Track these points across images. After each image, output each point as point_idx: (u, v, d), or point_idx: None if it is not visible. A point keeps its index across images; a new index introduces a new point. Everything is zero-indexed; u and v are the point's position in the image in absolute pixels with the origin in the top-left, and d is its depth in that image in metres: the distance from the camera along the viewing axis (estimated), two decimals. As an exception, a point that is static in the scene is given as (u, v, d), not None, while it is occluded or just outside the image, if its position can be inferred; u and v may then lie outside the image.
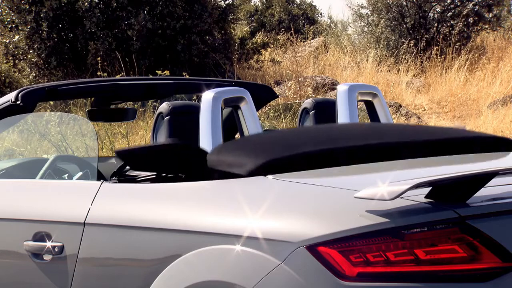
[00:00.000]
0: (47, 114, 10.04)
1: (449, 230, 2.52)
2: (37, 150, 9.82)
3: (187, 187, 3.08)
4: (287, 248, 2.59)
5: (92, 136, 9.06)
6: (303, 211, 2.70)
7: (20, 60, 15.47)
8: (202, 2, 15.64)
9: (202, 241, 2.81)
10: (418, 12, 18.08)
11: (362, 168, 3.20)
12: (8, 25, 15.51)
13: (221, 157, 3.14)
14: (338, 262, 2.52)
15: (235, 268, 2.70)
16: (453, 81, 15.30)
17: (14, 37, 15.35)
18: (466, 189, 2.57)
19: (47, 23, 14.93)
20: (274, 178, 2.95)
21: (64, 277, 3.22)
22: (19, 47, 15.41)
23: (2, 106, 3.90)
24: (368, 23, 19.12)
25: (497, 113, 12.42)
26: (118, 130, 10.62)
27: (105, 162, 4.74)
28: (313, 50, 18.74)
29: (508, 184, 2.75)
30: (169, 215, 2.97)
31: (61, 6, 14.87)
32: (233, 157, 3.12)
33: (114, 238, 3.10)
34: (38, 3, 14.98)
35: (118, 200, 3.20)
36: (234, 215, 2.81)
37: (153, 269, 2.93)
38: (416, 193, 2.58)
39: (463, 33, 17.58)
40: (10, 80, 14.16)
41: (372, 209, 2.56)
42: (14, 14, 15.25)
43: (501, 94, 14.00)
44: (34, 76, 15.28)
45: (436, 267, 2.50)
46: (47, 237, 3.29)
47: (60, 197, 3.44)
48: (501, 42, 17.62)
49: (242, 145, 3.35)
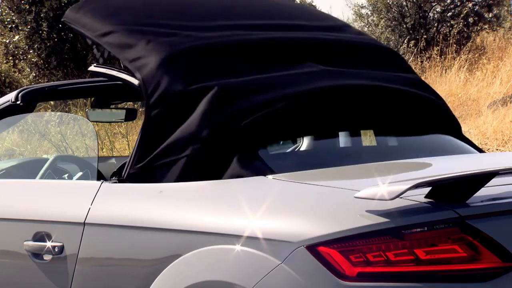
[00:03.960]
0: (47, 114, 10.04)
1: (449, 230, 2.52)
2: (37, 150, 9.82)
3: (187, 187, 3.08)
4: (287, 248, 2.59)
5: (92, 136, 9.06)
6: (303, 211, 2.70)
7: (20, 60, 15.47)
8: (202, 2, 15.62)
9: (202, 241, 2.80)
10: (418, 12, 18.08)
11: (362, 168, 3.20)
12: (8, 25, 15.52)
13: (78, 15, 3.46)
14: (338, 262, 2.52)
15: (235, 268, 2.70)
16: (453, 81, 15.30)
17: (14, 37, 15.36)
18: (466, 189, 2.57)
19: (47, 23, 14.94)
20: (274, 178, 2.95)
21: (64, 277, 3.22)
22: (19, 47, 15.42)
23: (2, 106, 3.90)
24: (368, 23, 19.12)
25: (497, 113, 12.41)
26: (118, 130, 10.62)
27: (105, 162, 4.74)
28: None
29: (508, 184, 2.74)
30: (169, 215, 2.97)
31: (61, 6, 14.88)
32: (88, 19, 3.45)
33: (114, 238, 3.10)
34: (38, 3, 14.99)
35: (118, 200, 3.20)
36: (234, 215, 2.81)
37: (153, 269, 2.92)
38: (416, 193, 2.58)
39: (463, 33, 17.58)
40: (10, 80, 14.17)
41: (372, 209, 2.56)
42: (14, 14, 15.25)
43: (501, 94, 13.99)
44: (34, 76, 15.29)
45: (436, 267, 2.50)
46: (47, 237, 3.29)
47: (60, 197, 3.43)
48: (501, 42, 17.62)
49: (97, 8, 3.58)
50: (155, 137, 3.21)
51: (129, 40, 3.41)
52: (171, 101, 3.21)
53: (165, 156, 3.17)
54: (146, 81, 3.26)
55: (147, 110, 3.22)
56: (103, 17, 3.57)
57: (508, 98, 13.21)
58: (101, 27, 3.50)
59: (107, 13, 3.64)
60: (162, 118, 3.22)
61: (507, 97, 13.30)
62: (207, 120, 3.14)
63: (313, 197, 2.78)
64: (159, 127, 3.21)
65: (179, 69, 3.28)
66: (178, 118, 3.19)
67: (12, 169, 4.39)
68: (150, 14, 3.66)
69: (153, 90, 3.23)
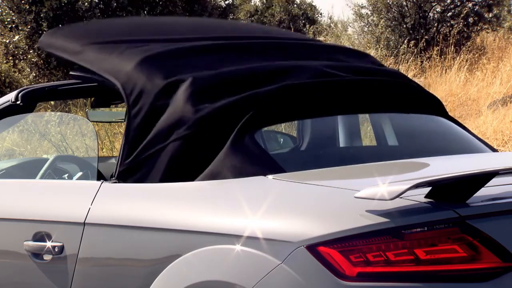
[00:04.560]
0: (47, 114, 10.04)
1: (449, 230, 2.52)
2: (37, 150, 9.82)
3: (187, 187, 3.08)
4: (287, 248, 2.59)
5: (92, 136, 9.06)
6: (303, 211, 2.70)
7: (20, 60, 15.47)
8: (202, 2, 15.65)
9: (202, 241, 2.81)
10: (418, 12, 18.07)
11: (362, 168, 3.20)
12: (8, 25, 15.52)
13: (52, 40, 3.60)
14: (338, 262, 2.52)
15: (235, 268, 2.70)
16: (453, 81, 15.30)
17: (14, 37, 15.36)
18: (466, 189, 2.57)
19: (47, 23, 14.94)
20: (274, 178, 2.95)
21: (64, 277, 3.22)
22: (19, 47, 15.42)
23: (2, 106, 3.90)
24: (368, 23, 19.11)
25: (497, 113, 12.41)
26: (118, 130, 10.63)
27: (105, 162, 4.74)
28: (313, 50, 18.70)
29: (508, 184, 2.75)
30: (169, 215, 2.97)
31: (61, 6, 14.88)
32: (62, 41, 3.63)
33: (114, 238, 3.10)
34: (38, 3, 14.99)
35: (118, 200, 3.20)
36: (234, 215, 2.81)
37: (153, 269, 2.93)
38: (416, 193, 2.58)
39: (463, 33, 17.58)
40: (10, 80, 14.17)
41: (372, 209, 2.56)
42: (14, 14, 15.26)
43: (501, 94, 13.99)
44: (34, 76, 15.29)
45: (436, 267, 2.50)
46: (47, 237, 3.29)
47: (60, 197, 3.43)
48: (501, 42, 17.62)
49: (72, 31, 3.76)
50: (139, 132, 3.28)
51: (103, 54, 3.57)
52: (149, 96, 3.29)
53: (150, 147, 3.23)
54: (124, 83, 3.38)
55: (129, 109, 3.32)
56: (76, 39, 3.75)
57: (508, 98, 13.21)
58: (75, 47, 3.67)
59: (80, 35, 3.83)
60: (143, 113, 3.29)
61: (507, 97, 13.30)
62: (185, 108, 3.21)
63: (313, 197, 2.78)
64: (142, 122, 3.28)
65: (153, 67, 3.41)
66: (158, 111, 3.27)
67: (12, 169, 4.39)
68: (121, 32, 3.89)
69: (131, 90, 3.34)
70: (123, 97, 3.36)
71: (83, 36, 3.80)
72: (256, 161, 3.08)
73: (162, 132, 3.22)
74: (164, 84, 3.30)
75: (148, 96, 3.30)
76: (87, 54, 3.61)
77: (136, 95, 3.32)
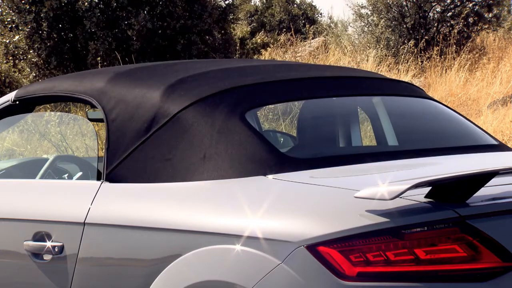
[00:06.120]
0: (47, 114, 10.04)
1: (449, 229, 2.52)
2: (37, 150, 9.82)
3: (187, 187, 3.08)
4: (287, 248, 2.59)
5: (92, 136, 9.07)
6: (303, 211, 2.70)
7: (20, 60, 15.47)
8: (202, 2, 15.63)
9: (202, 241, 2.81)
10: (418, 12, 18.08)
11: (362, 168, 3.20)
12: (8, 25, 15.51)
13: (27, 89, 3.82)
14: (338, 262, 2.52)
15: (235, 268, 2.70)
16: (453, 81, 15.30)
17: (14, 37, 15.35)
18: (466, 189, 2.57)
19: (47, 23, 14.93)
20: (274, 178, 2.95)
21: (64, 277, 3.22)
22: (19, 47, 15.41)
23: (2, 106, 3.90)
24: (368, 23, 19.12)
25: (497, 113, 12.41)
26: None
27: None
28: (313, 50, 18.74)
29: (508, 184, 2.75)
30: (169, 215, 2.97)
31: (61, 6, 14.87)
32: (35, 87, 3.83)
33: (114, 238, 3.10)
34: (38, 3, 14.98)
35: (118, 200, 3.20)
36: (234, 215, 2.81)
37: (153, 269, 2.93)
38: (416, 193, 2.58)
39: (463, 33, 17.58)
40: (10, 80, 14.17)
41: (372, 209, 2.56)
42: (14, 14, 15.25)
43: (501, 94, 13.99)
44: (34, 76, 15.28)
45: (436, 267, 2.50)
46: (47, 237, 3.29)
47: (60, 197, 3.44)
48: (501, 42, 17.62)
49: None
50: (118, 136, 3.32)
51: (75, 82, 3.67)
52: (123, 103, 3.37)
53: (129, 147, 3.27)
54: (97, 97, 3.46)
55: (106, 116, 3.38)
56: (47, 81, 3.88)
57: (508, 98, 13.21)
58: (47, 86, 3.80)
59: (50, 80, 3.94)
60: (119, 119, 3.34)
61: (507, 97, 13.30)
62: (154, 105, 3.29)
63: (313, 197, 2.78)
64: (119, 127, 3.33)
65: (124, 79, 3.53)
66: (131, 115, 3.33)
67: (12, 169, 4.39)
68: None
69: (107, 101, 3.42)
70: (99, 109, 3.45)
71: (56, 79, 3.94)
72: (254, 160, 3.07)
73: (140, 128, 3.27)
74: (135, 91, 3.40)
75: (123, 102, 3.39)
76: (60, 87, 3.72)
77: (113, 105, 3.40)
